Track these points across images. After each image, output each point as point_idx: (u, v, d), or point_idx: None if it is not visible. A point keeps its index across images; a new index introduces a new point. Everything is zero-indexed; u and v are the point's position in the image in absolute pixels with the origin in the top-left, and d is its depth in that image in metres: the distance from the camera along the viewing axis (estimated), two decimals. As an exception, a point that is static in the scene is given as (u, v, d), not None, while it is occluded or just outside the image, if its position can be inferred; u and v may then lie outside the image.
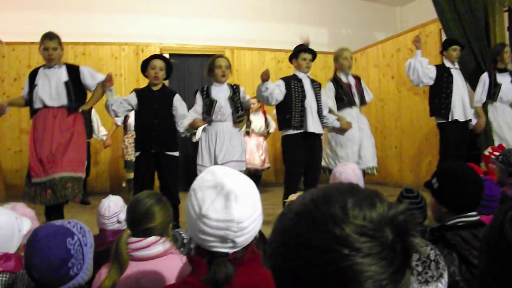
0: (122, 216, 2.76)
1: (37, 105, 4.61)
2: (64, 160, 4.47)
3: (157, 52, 8.64)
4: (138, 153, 4.83)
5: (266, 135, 8.20)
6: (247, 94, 5.22)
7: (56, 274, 1.55)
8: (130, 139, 6.97)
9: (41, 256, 1.55)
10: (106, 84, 4.72)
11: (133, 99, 4.84)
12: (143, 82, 5.04)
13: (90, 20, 8.45)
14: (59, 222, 1.67)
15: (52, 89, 4.61)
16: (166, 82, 5.66)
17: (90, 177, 7.72)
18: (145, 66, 4.85)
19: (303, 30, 6.91)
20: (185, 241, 2.36)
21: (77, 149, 4.60)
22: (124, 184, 7.52)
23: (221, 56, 5.18)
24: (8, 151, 8.09)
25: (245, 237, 1.29)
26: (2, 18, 7.80)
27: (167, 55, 8.96)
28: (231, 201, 1.26)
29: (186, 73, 9.13)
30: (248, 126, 7.67)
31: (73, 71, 4.75)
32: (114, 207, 2.80)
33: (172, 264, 1.89)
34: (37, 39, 4.75)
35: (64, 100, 4.61)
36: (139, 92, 4.93)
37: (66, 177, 4.44)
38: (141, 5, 8.80)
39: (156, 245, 1.93)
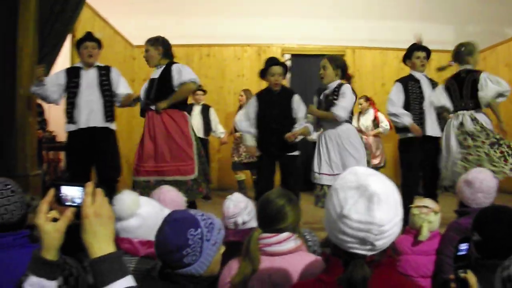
0: (240, 219, 2.67)
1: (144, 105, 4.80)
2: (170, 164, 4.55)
3: (278, 53, 8.81)
4: (259, 154, 4.97)
5: (376, 134, 8.04)
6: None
7: (170, 256, 1.63)
8: (239, 139, 7.15)
9: (163, 236, 1.66)
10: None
11: (254, 104, 4.99)
12: (265, 83, 5.15)
13: (214, 23, 8.79)
14: (195, 212, 1.75)
15: (147, 86, 4.82)
16: (285, 82, 5.74)
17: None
18: (265, 71, 4.97)
19: (427, 28, 6.65)
20: (309, 243, 2.39)
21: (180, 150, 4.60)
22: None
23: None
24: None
25: (384, 241, 1.29)
26: (133, 23, 8.35)
27: (288, 56, 9.11)
28: (374, 204, 1.25)
29: (307, 73, 9.16)
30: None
31: (166, 70, 4.77)
32: (233, 209, 2.71)
33: (302, 261, 1.93)
34: None
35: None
36: (259, 96, 5.05)
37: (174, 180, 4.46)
38: (263, 7, 8.98)
39: (288, 241, 1.97)
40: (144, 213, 2.10)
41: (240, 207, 2.70)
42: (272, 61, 5.01)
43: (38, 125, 5.72)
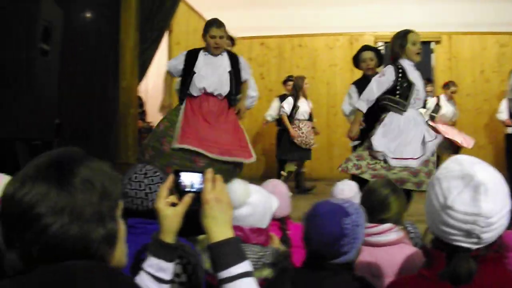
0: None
1: (195, 92, 4.46)
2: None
3: (371, 41, 8.59)
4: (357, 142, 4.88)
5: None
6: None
7: (328, 249, 1.63)
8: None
9: (317, 231, 1.65)
10: None
11: (354, 91, 4.89)
12: (357, 72, 5.07)
13: (305, 13, 8.73)
14: (336, 200, 1.74)
15: (215, 78, 4.48)
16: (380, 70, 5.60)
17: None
18: (357, 59, 4.90)
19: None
20: (411, 235, 2.33)
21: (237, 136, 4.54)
22: (284, 174, 7.46)
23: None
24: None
25: (491, 234, 1.22)
26: (226, 16, 8.48)
27: (381, 44, 8.87)
28: (481, 194, 1.19)
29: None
30: None
31: (234, 59, 4.62)
32: (348, 193, 2.71)
33: (402, 253, 1.88)
34: (257, 33, 4.98)
35: (226, 90, 4.50)
36: (357, 84, 4.95)
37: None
38: (355, -5, 8.81)
39: (390, 232, 1.93)
40: (254, 201, 2.11)
41: (354, 191, 2.74)
42: (362, 48, 4.97)
43: (138, 116, 5.99)
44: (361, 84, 4.86)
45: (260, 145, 8.77)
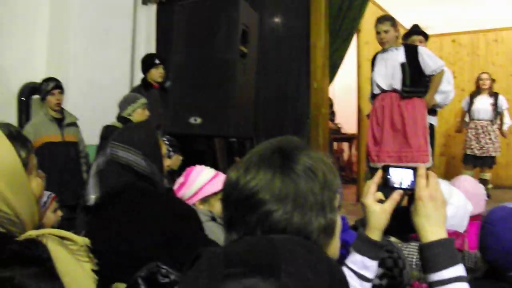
0: None
1: (375, 90, 4.56)
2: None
3: None
4: None
5: None
6: None
7: (508, 258, 1.49)
8: (472, 130, 6.51)
9: (494, 239, 1.52)
10: None
11: None
12: None
13: (501, 5, 8.01)
14: None
15: (387, 72, 4.46)
16: None
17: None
18: None
19: None
20: None
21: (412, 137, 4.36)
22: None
23: None
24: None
25: None
26: (414, 13, 8.17)
27: None
28: None
29: None
30: None
31: (412, 52, 4.47)
32: None
33: None
34: (448, 30, 4.72)
35: (397, 84, 4.40)
36: None
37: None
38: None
39: None
40: (456, 203, 2.01)
41: None
42: None
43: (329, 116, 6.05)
44: None
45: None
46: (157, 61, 4.37)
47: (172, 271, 1.49)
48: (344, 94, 7.19)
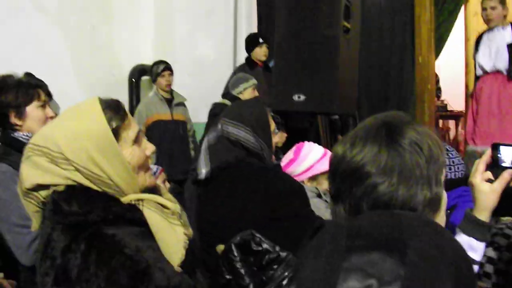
0: None
1: (478, 72, 4.30)
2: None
3: None
4: None
5: None
6: None
7: None
8: None
9: None
10: None
11: None
12: None
13: None
14: None
15: (491, 53, 4.18)
16: None
17: None
18: None
19: None
20: None
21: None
22: None
23: None
24: None
25: None
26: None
27: None
28: None
29: None
30: None
31: None
32: None
33: None
34: None
35: (502, 65, 4.12)
36: None
37: None
38: None
39: None
40: None
41: None
42: None
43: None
44: None
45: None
46: (261, 40, 4.42)
47: (265, 240, 1.53)
48: (450, 69, 6.88)
